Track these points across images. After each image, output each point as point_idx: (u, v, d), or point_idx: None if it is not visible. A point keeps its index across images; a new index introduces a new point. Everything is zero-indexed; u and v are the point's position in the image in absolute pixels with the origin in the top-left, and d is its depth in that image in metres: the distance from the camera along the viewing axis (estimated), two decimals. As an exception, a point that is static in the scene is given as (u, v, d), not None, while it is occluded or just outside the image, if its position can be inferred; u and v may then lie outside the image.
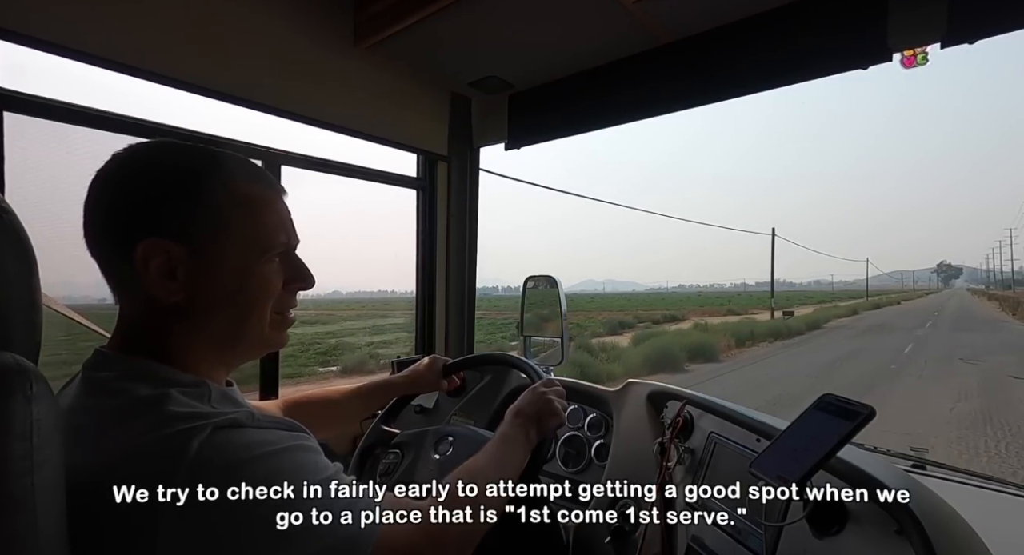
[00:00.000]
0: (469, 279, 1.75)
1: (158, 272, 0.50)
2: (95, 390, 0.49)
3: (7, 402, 0.37)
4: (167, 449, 0.43)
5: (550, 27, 1.22)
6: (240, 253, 0.54)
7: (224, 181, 0.53)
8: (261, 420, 0.49)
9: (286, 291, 0.59)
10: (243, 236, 0.54)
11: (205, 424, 0.44)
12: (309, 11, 1.25)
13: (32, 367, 0.39)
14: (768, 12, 1.11)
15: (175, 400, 0.47)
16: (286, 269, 0.59)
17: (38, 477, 0.38)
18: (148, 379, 0.49)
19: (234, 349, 0.57)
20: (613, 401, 1.19)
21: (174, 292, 0.51)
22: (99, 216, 0.51)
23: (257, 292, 0.55)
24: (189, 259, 0.51)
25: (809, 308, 35.18)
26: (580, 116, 1.44)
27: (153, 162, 0.53)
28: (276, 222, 0.57)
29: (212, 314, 0.53)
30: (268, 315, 0.57)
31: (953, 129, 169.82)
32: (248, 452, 0.45)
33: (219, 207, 0.52)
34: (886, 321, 25.20)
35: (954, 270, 66.99)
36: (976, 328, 19.68)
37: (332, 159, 1.41)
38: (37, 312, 0.44)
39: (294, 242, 0.60)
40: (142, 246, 0.49)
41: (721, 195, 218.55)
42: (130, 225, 0.50)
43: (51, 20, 0.90)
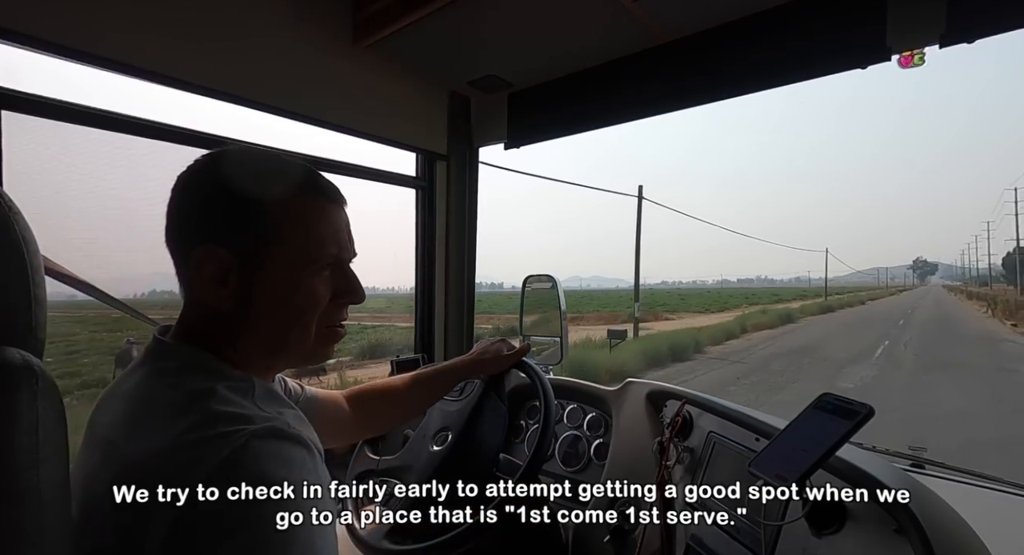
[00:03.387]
0: (468, 278, 1.75)
1: (210, 278, 0.52)
2: (154, 381, 0.51)
3: (13, 397, 0.37)
4: (202, 451, 0.43)
5: (549, 26, 1.22)
6: (288, 264, 0.54)
7: (281, 191, 0.55)
8: (293, 431, 0.48)
9: (335, 304, 0.59)
10: (293, 247, 0.55)
11: (243, 431, 0.45)
12: (308, 10, 1.25)
13: (37, 362, 0.40)
14: (767, 11, 1.11)
15: (220, 397, 0.48)
16: (336, 282, 0.59)
17: (43, 471, 0.38)
18: (200, 371, 0.51)
19: (278, 357, 0.58)
20: (612, 400, 1.19)
21: (224, 298, 0.53)
22: (170, 220, 0.54)
23: (303, 304, 0.56)
24: (240, 267, 0.53)
25: (730, 313, 26.70)
26: (579, 115, 1.44)
27: (220, 171, 0.55)
28: (328, 234, 0.57)
29: (259, 322, 0.55)
30: (314, 327, 0.57)
31: (932, 127, 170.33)
32: (272, 476, 0.44)
33: (273, 217, 0.54)
34: (810, 343, 14.58)
35: (930, 266, 67.21)
36: (964, 360, 10.62)
37: (331, 158, 1.41)
38: (41, 309, 0.44)
39: (347, 255, 0.60)
40: (197, 252, 0.52)
41: (701, 191, 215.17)
42: (191, 231, 0.53)
43: (49, 19, 0.90)
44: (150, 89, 1.04)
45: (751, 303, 38.86)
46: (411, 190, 1.68)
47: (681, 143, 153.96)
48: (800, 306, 32.86)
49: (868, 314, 29.11)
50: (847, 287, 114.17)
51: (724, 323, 19.01)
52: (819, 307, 33.24)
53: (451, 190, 1.69)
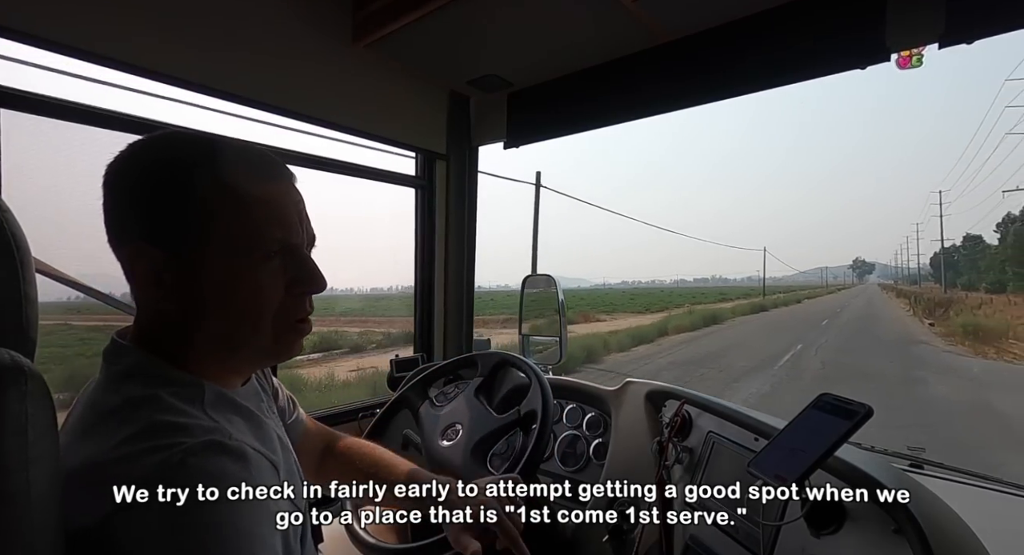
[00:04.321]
0: (468, 277, 1.75)
1: (143, 279, 0.48)
2: (104, 385, 0.49)
3: (2, 398, 0.37)
4: (133, 465, 0.41)
5: (549, 25, 1.21)
6: (226, 256, 0.48)
7: (213, 174, 0.48)
8: (233, 443, 0.45)
9: (291, 295, 0.53)
10: (229, 236, 0.48)
11: (179, 445, 0.42)
12: (307, 9, 1.25)
13: (27, 363, 0.39)
14: (767, 11, 1.11)
15: (162, 405, 0.45)
16: (289, 270, 0.52)
17: (33, 472, 0.38)
18: (146, 377, 0.48)
19: (235, 358, 0.53)
20: (611, 400, 1.19)
21: (160, 299, 0.49)
22: (105, 216, 0.49)
23: (249, 298, 0.50)
24: (174, 265, 0.48)
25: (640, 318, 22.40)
26: (579, 114, 1.44)
27: (146, 158, 0.49)
28: (269, 217, 0.50)
29: (204, 322, 0.50)
30: (269, 323, 0.51)
31: (870, 134, 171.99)
32: (206, 489, 0.41)
33: (204, 205, 0.48)
34: (720, 348, 13.08)
35: (868, 266, 69.73)
36: (872, 368, 9.53)
37: (330, 157, 1.41)
38: (32, 308, 0.44)
39: (296, 239, 0.53)
40: (127, 251, 0.48)
41: (651, 191, 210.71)
42: (120, 228, 0.49)
43: (47, 18, 0.90)
44: (149, 87, 1.04)
45: (696, 302, 37.50)
46: (404, 188, 1.68)
47: (639, 152, 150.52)
48: (732, 306, 31.73)
49: (797, 314, 27.98)
50: (792, 286, 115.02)
51: (642, 326, 17.51)
52: (752, 307, 32.03)
53: (450, 189, 1.69)
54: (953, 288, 39.40)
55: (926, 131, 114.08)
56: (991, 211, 28.83)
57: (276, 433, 0.57)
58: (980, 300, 30.78)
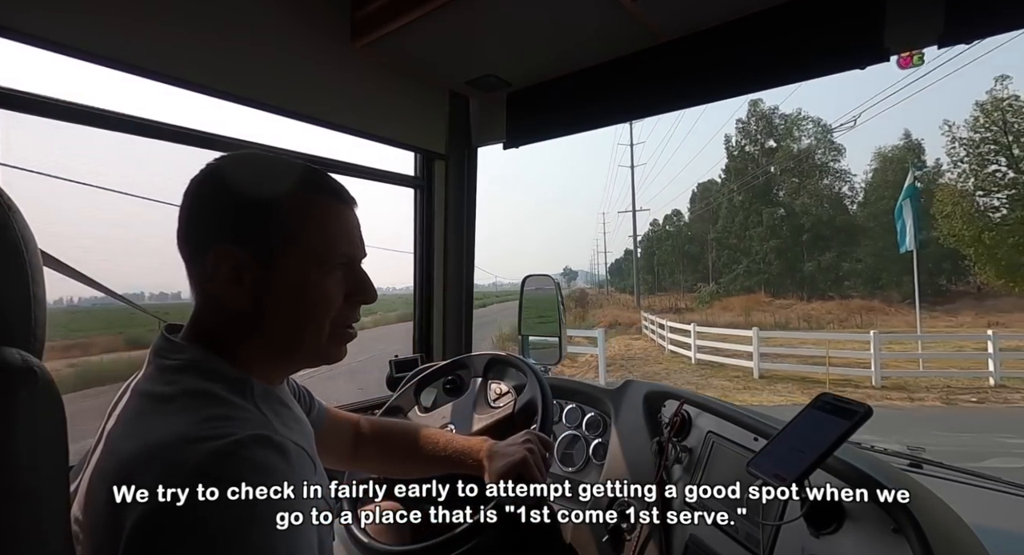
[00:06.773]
0: (467, 277, 1.75)
1: (225, 277, 0.53)
2: (156, 378, 0.52)
3: (13, 397, 0.38)
4: (187, 452, 0.43)
5: (548, 25, 1.21)
6: (302, 263, 0.55)
7: (294, 192, 0.56)
8: (278, 438, 0.47)
9: (348, 304, 0.60)
10: (306, 247, 0.55)
11: (230, 436, 0.44)
12: (305, 10, 1.25)
13: (37, 363, 0.40)
14: (766, 11, 1.11)
15: (217, 397, 0.49)
16: (348, 282, 0.59)
17: (42, 471, 0.39)
18: (201, 372, 0.52)
19: (289, 358, 0.59)
20: (611, 400, 1.19)
21: (238, 297, 0.54)
22: (184, 222, 0.55)
23: (317, 303, 0.56)
24: (255, 266, 0.54)
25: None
26: (579, 114, 1.44)
27: (234, 173, 0.56)
28: (339, 233, 0.58)
29: (271, 321, 0.55)
30: (327, 327, 0.58)
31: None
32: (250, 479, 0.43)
33: (287, 218, 0.55)
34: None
35: (573, 273, 76.44)
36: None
37: (330, 157, 1.41)
38: (41, 308, 0.44)
39: (358, 254, 0.61)
40: (213, 251, 0.53)
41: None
42: (206, 232, 0.54)
43: (46, 17, 0.90)
44: (149, 87, 1.04)
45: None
46: (405, 189, 1.68)
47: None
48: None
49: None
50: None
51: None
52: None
53: (450, 189, 1.69)
54: (622, 291, 44.25)
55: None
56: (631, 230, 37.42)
57: (310, 429, 0.63)
58: (621, 299, 36.49)
